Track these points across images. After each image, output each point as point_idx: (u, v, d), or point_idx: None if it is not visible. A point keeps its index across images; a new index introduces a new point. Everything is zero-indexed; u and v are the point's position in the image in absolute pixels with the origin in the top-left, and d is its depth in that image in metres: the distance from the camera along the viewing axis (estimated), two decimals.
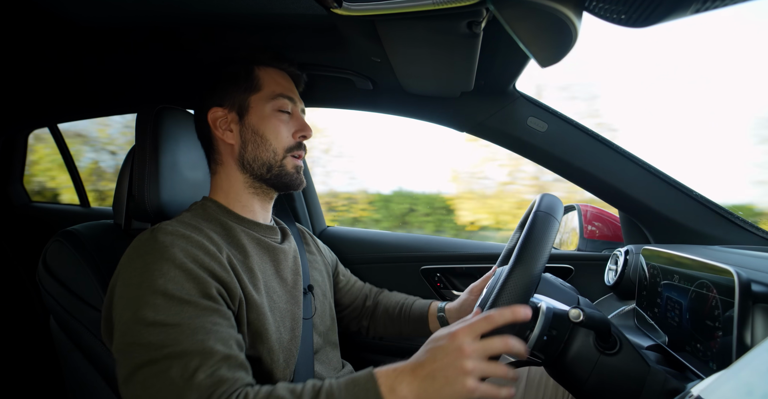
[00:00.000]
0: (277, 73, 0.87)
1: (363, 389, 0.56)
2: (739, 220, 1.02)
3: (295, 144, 0.84)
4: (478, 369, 0.54)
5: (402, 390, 0.55)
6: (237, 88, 0.83)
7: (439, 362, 0.55)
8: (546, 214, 0.61)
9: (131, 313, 0.61)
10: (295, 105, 0.86)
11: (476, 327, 0.56)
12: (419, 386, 0.55)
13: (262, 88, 0.84)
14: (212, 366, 0.58)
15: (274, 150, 0.82)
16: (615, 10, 0.46)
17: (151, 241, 0.67)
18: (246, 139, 0.82)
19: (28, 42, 1.03)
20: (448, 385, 0.54)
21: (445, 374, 0.54)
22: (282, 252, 0.84)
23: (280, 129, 0.83)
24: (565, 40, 0.59)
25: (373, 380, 0.56)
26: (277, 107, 0.83)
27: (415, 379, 0.55)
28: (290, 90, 0.87)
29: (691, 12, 0.41)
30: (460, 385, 0.53)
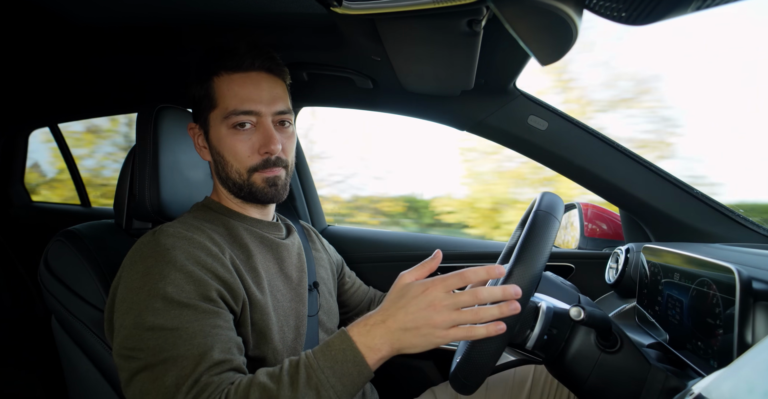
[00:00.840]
0: (238, 80, 0.75)
1: (339, 350, 0.57)
2: (740, 218, 1.02)
3: (260, 162, 0.76)
4: (448, 320, 0.55)
5: (376, 343, 0.57)
6: (199, 104, 0.78)
7: (411, 315, 0.56)
8: (546, 213, 0.61)
9: (132, 318, 0.61)
10: (260, 116, 0.75)
11: (449, 283, 0.57)
12: (392, 338, 0.57)
13: (218, 104, 0.76)
14: (204, 372, 0.57)
15: (237, 170, 0.76)
16: (615, 8, 0.46)
17: (152, 244, 0.66)
18: (215, 159, 0.79)
19: (28, 42, 1.03)
20: (421, 337, 0.56)
21: (417, 326, 0.56)
22: (286, 248, 0.84)
23: (237, 149, 0.75)
24: (565, 38, 0.59)
25: (348, 339, 0.58)
26: (231, 125, 0.75)
27: (387, 332, 0.57)
28: (251, 100, 0.74)
29: (691, 9, 0.41)
30: (432, 336, 0.56)
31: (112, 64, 1.14)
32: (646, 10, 0.43)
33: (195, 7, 0.81)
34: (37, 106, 1.67)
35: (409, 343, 0.57)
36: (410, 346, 0.57)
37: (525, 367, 0.96)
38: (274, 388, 0.55)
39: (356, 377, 0.57)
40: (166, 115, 0.87)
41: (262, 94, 0.76)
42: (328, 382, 0.56)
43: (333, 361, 0.57)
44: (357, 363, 0.57)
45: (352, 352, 0.57)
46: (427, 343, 0.56)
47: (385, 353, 0.58)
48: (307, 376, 0.56)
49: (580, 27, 0.55)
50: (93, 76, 1.26)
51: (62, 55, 1.11)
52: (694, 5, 0.40)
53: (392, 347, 0.57)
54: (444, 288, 0.57)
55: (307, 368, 0.57)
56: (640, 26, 0.46)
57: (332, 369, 0.56)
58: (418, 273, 0.61)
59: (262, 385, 0.56)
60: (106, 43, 1.00)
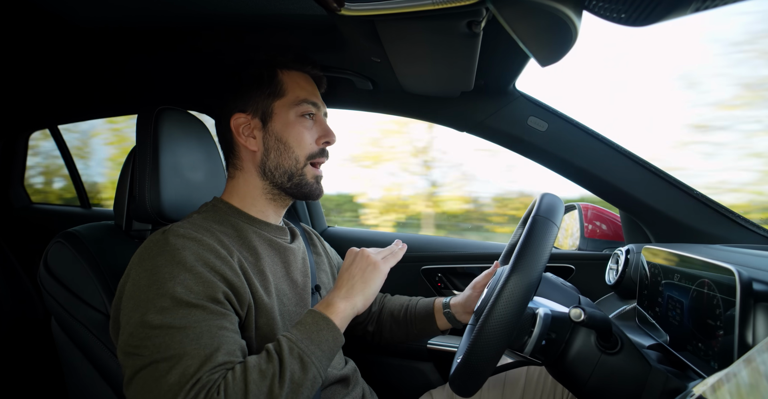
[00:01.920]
0: (300, 77, 0.84)
1: (312, 323, 0.67)
2: (740, 219, 1.02)
3: (318, 150, 0.83)
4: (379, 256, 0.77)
5: (336, 304, 0.70)
6: (260, 93, 0.81)
7: (352, 267, 0.75)
8: (545, 219, 0.61)
9: (139, 316, 0.61)
10: (318, 109, 0.84)
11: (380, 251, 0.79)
12: (346, 289, 0.73)
13: (286, 93, 0.81)
14: (207, 371, 0.58)
15: (296, 158, 0.81)
16: (615, 9, 0.46)
17: (162, 243, 0.66)
18: (269, 147, 0.81)
19: (28, 44, 1.03)
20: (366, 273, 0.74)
21: (360, 268, 0.75)
22: (292, 252, 0.84)
23: (304, 135, 0.81)
24: (565, 40, 0.59)
25: (316, 313, 0.69)
26: (301, 113, 0.81)
27: (340, 290, 0.73)
28: (313, 94, 0.85)
29: (691, 11, 0.41)
30: (373, 267, 0.75)
31: (113, 66, 1.14)
32: (645, 12, 0.43)
33: (194, 8, 0.81)
34: (37, 107, 1.67)
35: (362, 283, 0.73)
36: (364, 284, 0.73)
37: (518, 369, 0.96)
38: (268, 367, 0.60)
39: (331, 342, 0.67)
40: (166, 116, 0.87)
41: (317, 93, 0.87)
42: (308, 348, 0.64)
43: (308, 332, 0.66)
44: (330, 328, 0.67)
45: (324, 321, 0.67)
46: (376, 273, 0.74)
47: (346, 307, 0.70)
48: (290, 348, 0.63)
49: (579, 28, 0.55)
50: (93, 78, 1.26)
51: (62, 57, 1.11)
52: (693, 6, 0.40)
53: (351, 298, 0.71)
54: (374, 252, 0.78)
55: (288, 343, 0.64)
56: (639, 27, 0.46)
57: (310, 339, 0.65)
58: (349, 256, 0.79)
59: (257, 365, 0.60)
60: (106, 44, 1.00)
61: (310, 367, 0.62)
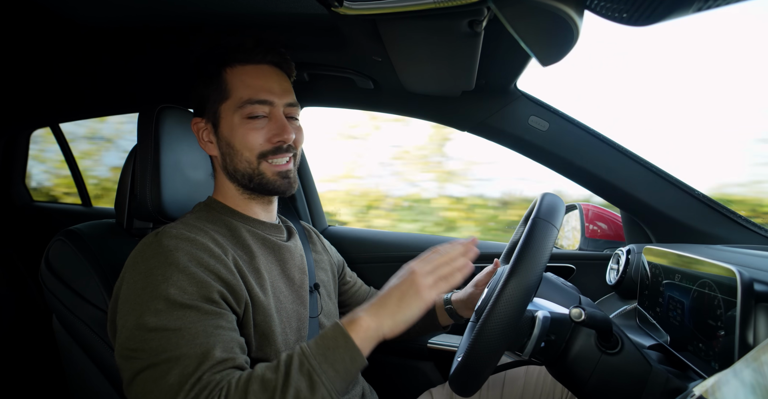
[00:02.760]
0: (250, 72, 0.77)
1: (331, 338, 0.61)
2: (741, 219, 1.02)
3: (271, 148, 0.77)
4: (429, 278, 0.64)
5: (363, 321, 0.62)
6: (210, 96, 0.78)
7: (393, 286, 0.65)
8: (545, 221, 0.60)
9: (134, 319, 0.61)
10: (273, 105, 0.77)
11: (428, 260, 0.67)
12: (377, 308, 0.63)
13: (231, 94, 0.76)
14: (206, 370, 0.58)
15: (247, 160, 0.77)
16: (616, 9, 0.46)
17: (155, 245, 0.66)
18: (223, 152, 0.79)
19: (29, 42, 1.04)
20: (405, 297, 0.63)
21: (400, 290, 0.64)
22: (288, 251, 0.84)
23: (250, 137, 0.76)
24: (566, 39, 0.59)
25: (339, 327, 0.62)
26: (245, 115, 0.76)
27: (371, 306, 0.64)
28: (264, 90, 0.77)
29: (693, 10, 0.41)
30: (415, 292, 0.63)
31: (114, 64, 1.14)
32: (647, 11, 0.42)
33: (196, 7, 0.81)
34: (38, 106, 1.68)
35: (396, 306, 0.63)
36: (397, 308, 0.62)
37: (517, 368, 0.96)
38: (272, 378, 0.57)
39: (349, 363, 0.59)
40: (167, 115, 0.87)
41: (274, 85, 0.78)
42: (320, 367, 0.58)
43: (325, 348, 0.60)
44: (348, 348, 0.60)
45: (343, 337, 0.60)
46: (412, 300, 0.63)
47: (372, 327, 0.61)
48: (300, 363, 0.58)
49: (581, 28, 0.55)
50: (94, 76, 1.26)
51: (63, 55, 1.11)
52: (695, 6, 0.40)
53: (379, 319, 0.62)
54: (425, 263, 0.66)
55: (300, 357, 0.59)
56: (641, 27, 0.46)
57: (324, 356, 0.59)
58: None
59: (261, 376, 0.58)
60: (107, 43, 1.00)
61: (318, 387, 0.57)
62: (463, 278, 0.67)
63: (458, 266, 0.66)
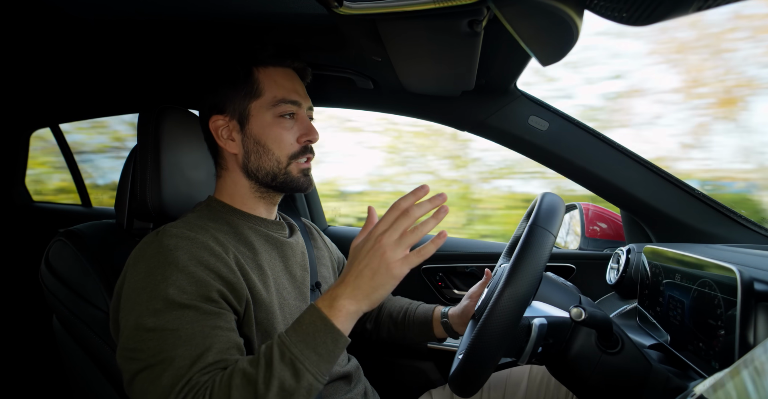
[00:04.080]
0: (280, 73, 0.81)
1: (309, 323, 0.59)
2: (741, 219, 1.02)
3: (300, 149, 0.80)
4: (395, 247, 0.59)
5: (339, 301, 0.60)
6: (236, 94, 0.79)
7: (363, 260, 0.60)
8: (542, 229, 0.60)
9: (133, 319, 0.61)
10: (300, 107, 0.81)
11: (386, 219, 0.61)
12: (352, 289, 0.60)
13: (263, 93, 0.79)
14: (197, 372, 0.58)
15: (277, 159, 0.79)
16: (616, 8, 0.46)
17: (155, 244, 0.67)
18: (249, 149, 0.79)
19: (29, 43, 1.04)
20: (377, 275, 0.59)
21: (370, 267, 0.59)
22: (290, 247, 0.84)
23: (283, 137, 0.79)
24: (566, 39, 0.59)
25: (316, 310, 0.60)
26: (279, 114, 0.79)
27: (346, 286, 0.60)
28: (294, 91, 0.81)
29: (692, 10, 0.41)
30: (386, 268, 0.59)
31: (114, 65, 1.14)
32: (647, 11, 0.42)
33: (195, 7, 0.81)
34: (38, 106, 1.68)
35: (369, 286, 0.59)
36: (371, 288, 0.59)
37: (521, 368, 0.97)
38: (252, 372, 0.56)
39: (330, 344, 0.59)
40: (167, 115, 0.87)
41: (299, 88, 0.83)
42: (302, 354, 0.57)
43: (304, 333, 0.59)
44: (327, 329, 0.59)
45: (321, 320, 0.59)
46: (385, 277, 0.59)
47: (351, 308, 0.60)
48: (281, 353, 0.57)
49: (581, 27, 0.55)
50: (94, 77, 1.26)
51: (63, 56, 1.11)
52: (695, 5, 0.40)
53: (355, 298, 0.60)
54: (383, 226, 0.61)
55: (280, 346, 0.58)
56: (641, 27, 0.46)
57: (304, 342, 0.58)
58: (363, 234, 0.66)
59: (242, 370, 0.57)
60: (107, 43, 1.00)
61: (303, 374, 0.57)
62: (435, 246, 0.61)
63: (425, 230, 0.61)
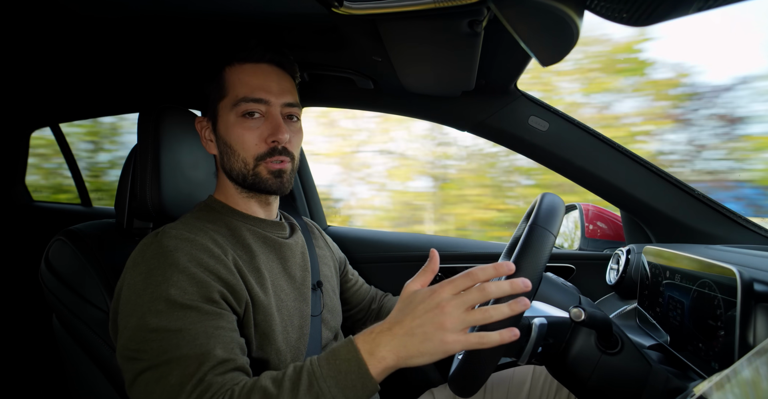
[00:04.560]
0: (249, 70, 0.77)
1: (344, 360, 0.56)
2: (741, 219, 1.02)
3: (267, 150, 0.76)
4: (458, 321, 0.53)
5: (381, 351, 0.55)
6: (210, 94, 0.78)
7: (418, 319, 0.54)
8: (542, 229, 0.60)
9: (135, 320, 0.61)
10: (269, 105, 0.76)
11: (457, 283, 0.55)
12: (398, 344, 0.54)
13: (228, 92, 0.76)
14: (208, 371, 0.58)
15: (243, 160, 0.76)
16: (616, 9, 0.46)
17: (155, 246, 0.66)
18: (221, 150, 0.79)
19: (29, 42, 1.03)
20: (428, 341, 0.53)
21: (424, 330, 0.53)
22: (289, 248, 0.84)
23: (245, 137, 0.75)
24: (566, 39, 0.59)
25: (354, 349, 0.56)
26: (240, 113, 0.75)
27: (393, 338, 0.55)
28: (261, 88, 0.76)
29: (693, 10, 0.41)
30: (440, 340, 0.53)
31: (114, 64, 1.14)
32: (647, 11, 0.43)
33: (195, 7, 0.81)
34: (38, 105, 1.68)
35: (417, 350, 0.54)
36: (418, 353, 0.54)
37: (524, 368, 0.96)
38: (274, 393, 0.55)
39: (360, 389, 0.55)
40: (167, 115, 0.87)
41: (272, 84, 0.77)
42: (329, 392, 0.54)
43: (336, 371, 0.55)
44: (361, 375, 0.55)
45: (357, 363, 0.55)
46: (435, 348, 0.53)
47: (390, 362, 0.55)
48: (309, 384, 0.55)
49: (581, 28, 0.55)
50: (94, 76, 1.26)
51: (64, 55, 1.11)
52: (695, 6, 0.40)
53: (398, 356, 0.55)
54: (452, 289, 0.55)
55: (310, 376, 0.56)
56: (641, 27, 0.46)
57: (335, 379, 0.55)
58: (422, 279, 0.60)
59: (264, 388, 0.56)
60: (107, 43, 1.00)
61: None
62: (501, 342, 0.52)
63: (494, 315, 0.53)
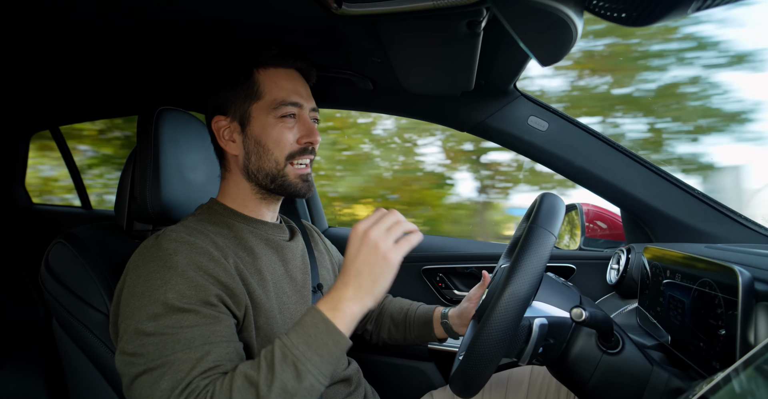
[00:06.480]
0: (282, 74, 0.80)
1: (311, 324, 0.60)
2: (741, 218, 1.02)
3: (299, 149, 0.79)
4: (386, 239, 0.61)
5: (343, 304, 0.61)
6: (237, 96, 0.79)
7: (358, 258, 0.61)
8: (542, 229, 0.59)
9: (133, 324, 0.61)
10: (301, 108, 0.80)
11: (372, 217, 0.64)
12: (354, 288, 0.61)
13: (263, 95, 0.78)
14: (197, 375, 0.58)
15: (276, 160, 0.78)
16: (615, 9, 0.46)
17: (155, 249, 0.67)
18: (249, 150, 0.79)
19: (29, 45, 1.04)
20: (375, 266, 0.60)
21: (366, 262, 0.61)
22: (290, 250, 0.84)
23: (283, 136, 0.78)
24: (565, 39, 0.59)
25: (317, 312, 0.60)
26: (279, 115, 0.78)
27: (347, 287, 0.61)
28: (295, 92, 0.80)
29: (691, 10, 0.41)
30: (382, 259, 0.60)
31: (113, 67, 1.14)
32: (645, 11, 0.43)
33: (194, 9, 0.81)
34: (38, 108, 1.68)
35: (371, 281, 0.60)
36: (373, 282, 0.60)
37: (522, 368, 0.97)
38: (254, 374, 0.57)
39: (332, 346, 0.59)
40: (167, 117, 0.87)
41: (301, 89, 0.82)
42: (303, 355, 0.57)
43: (306, 335, 0.59)
44: (330, 332, 0.59)
45: (324, 323, 0.59)
46: (383, 268, 0.60)
47: (356, 309, 0.61)
48: (283, 355, 0.57)
49: (580, 28, 0.55)
50: (94, 79, 1.26)
51: (63, 58, 1.11)
52: (693, 6, 0.40)
53: (360, 297, 0.60)
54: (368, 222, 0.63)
55: (282, 348, 0.58)
56: (640, 27, 0.46)
57: (306, 343, 0.58)
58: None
59: (244, 373, 0.57)
60: (107, 45, 1.00)
61: (305, 375, 0.57)
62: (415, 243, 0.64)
63: (410, 227, 0.64)
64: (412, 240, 0.63)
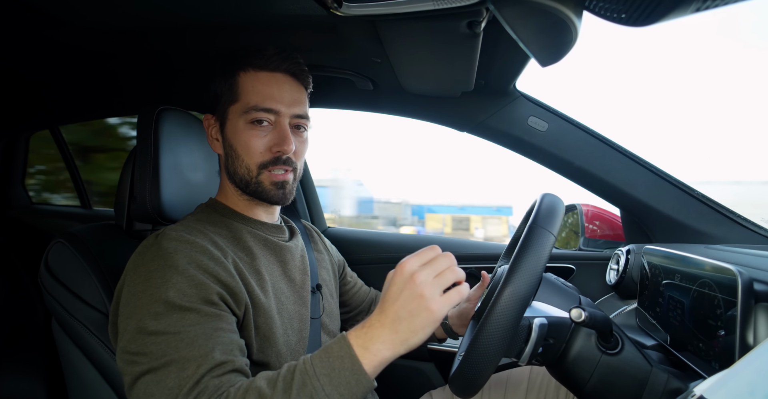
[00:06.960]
0: (263, 78, 0.78)
1: (337, 357, 0.55)
2: (740, 219, 1.02)
3: (271, 159, 0.76)
4: (433, 287, 0.55)
5: (375, 345, 0.55)
6: (221, 96, 0.79)
7: (398, 301, 0.55)
8: (542, 229, 0.59)
9: (134, 323, 0.61)
10: (278, 115, 0.77)
11: (422, 255, 0.58)
12: (390, 332, 0.55)
13: (240, 98, 0.77)
14: (205, 373, 0.57)
15: (247, 166, 0.77)
16: (615, 9, 0.46)
17: (155, 248, 0.67)
18: (227, 152, 0.79)
19: (28, 45, 1.03)
20: (415, 317, 0.54)
21: (408, 309, 0.54)
22: (289, 251, 0.84)
23: (251, 144, 0.76)
24: (565, 40, 0.59)
25: (347, 346, 0.56)
26: (249, 120, 0.76)
27: (383, 328, 0.55)
28: (271, 98, 0.76)
29: (691, 11, 0.41)
30: (425, 310, 0.54)
31: (113, 66, 1.14)
32: (646, 12, 0.43)
33: (194, 9, 0.81)
34: (37, 108, 1.67)
35: (408, 330, 0.55)
36: (410, 332, 0.55)
37: (521, 368, 0.97)
38: (268, 394, 0.54)
39: (354, 386, 0.54)
40: (167, 116, 0.88)
41: (284, 94, 0.78)
42: (323, 390, 0.54)
43: (330, 368, 0.55)
44: (355, 371, 0.54)
45: (350, 360, 0.55)
46: (425, 320, 0.54)
47: (386, 354, 0.55)
48: (302, 383, 0.54)
49: (580, 28, 0.55)
50: (93, 78, 1.26)
51: (63, 57, 1.11)
52: (694, 6, 0.40)
53: (393, 343, 0.55)
54: (417, 261, 0.57)
55: (303, 374, 0.55)
56: (640, 27, 0.46)
57: (329, 377, 0.54)
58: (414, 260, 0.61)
59: (258, 388, 0.55)
60: (106, 44, 1.00)
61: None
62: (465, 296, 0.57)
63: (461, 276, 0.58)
64: (462, 291, 0.56)
